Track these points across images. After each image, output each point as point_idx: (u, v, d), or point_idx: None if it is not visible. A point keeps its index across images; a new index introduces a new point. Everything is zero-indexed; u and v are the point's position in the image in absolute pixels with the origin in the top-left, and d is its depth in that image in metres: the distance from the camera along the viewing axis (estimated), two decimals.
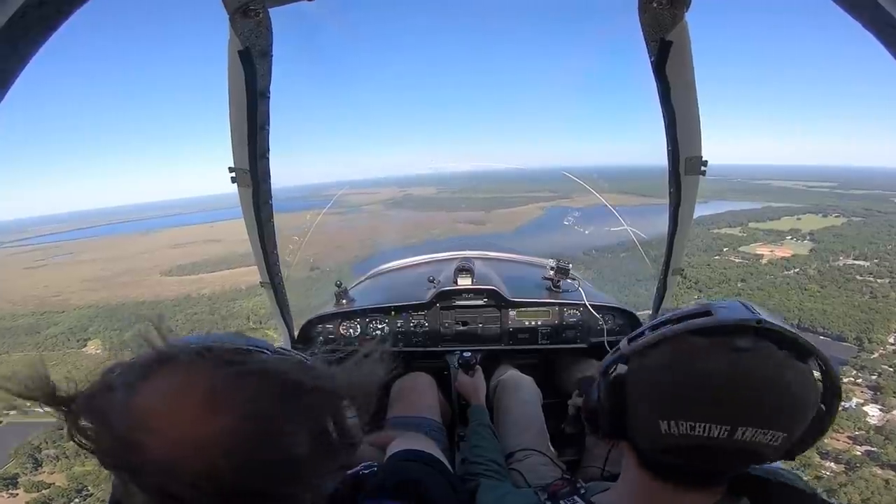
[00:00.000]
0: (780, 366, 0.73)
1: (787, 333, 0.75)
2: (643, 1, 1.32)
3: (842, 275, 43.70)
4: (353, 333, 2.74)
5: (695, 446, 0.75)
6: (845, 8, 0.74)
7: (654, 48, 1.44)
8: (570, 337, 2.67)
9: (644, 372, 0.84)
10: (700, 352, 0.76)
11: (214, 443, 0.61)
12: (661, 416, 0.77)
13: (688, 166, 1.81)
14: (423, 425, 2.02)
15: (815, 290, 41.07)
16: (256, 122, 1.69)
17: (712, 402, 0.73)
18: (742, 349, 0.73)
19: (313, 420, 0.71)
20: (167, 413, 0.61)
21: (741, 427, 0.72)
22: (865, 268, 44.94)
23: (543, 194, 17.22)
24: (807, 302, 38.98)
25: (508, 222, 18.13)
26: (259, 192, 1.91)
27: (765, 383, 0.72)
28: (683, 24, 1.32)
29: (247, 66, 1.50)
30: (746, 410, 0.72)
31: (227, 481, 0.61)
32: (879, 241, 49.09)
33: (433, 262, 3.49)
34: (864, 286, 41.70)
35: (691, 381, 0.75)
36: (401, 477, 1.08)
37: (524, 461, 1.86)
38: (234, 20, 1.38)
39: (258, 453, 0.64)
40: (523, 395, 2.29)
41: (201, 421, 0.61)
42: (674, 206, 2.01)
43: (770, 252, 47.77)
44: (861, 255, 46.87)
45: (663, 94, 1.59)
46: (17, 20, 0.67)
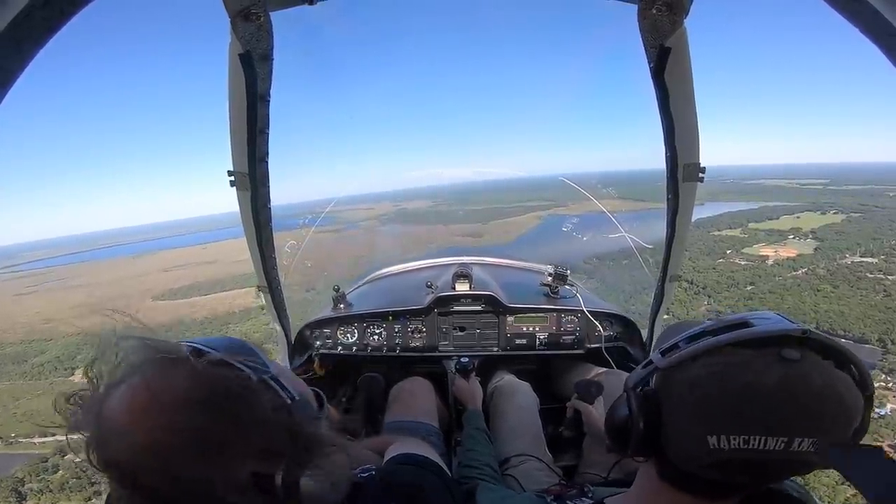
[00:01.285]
0: (830, 375, 0.72)
1: (831, 343, 0.75)
2: (643, 7, 1.32)
3: (852, 273, 42.91)
4: (351, 339, 2.73)
5: (748, 460, 0.73)
6: (845, 15, 0.75)
7: (653, 54, 1.45)
8: (568, 343, 2.66)
9: (685, 386, 0.79)
10: (748, 363, 0.73)
11: (148, 448, 0.66)
12: (710, 431, 0.74)
13: (686, 173, 1.81)
14: (420, 429, 2.02)
15: (828, 290, 40.24)
16: (256, 126, 1.69)
17: (767, 415, 0.71)
18: (791, 360, 0.72)
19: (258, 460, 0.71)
20: (123, 417, 0.67)
21: (797, 438, 0.70)
22: (874, 265, 44.03)
23: (540, 203, 17.23)
24: (822, 304, 38.24)
25: (506, 233, 18.09)
26: (258, 195, 1.90)
27: (818, 393, 0.71)
28: (682, 31, 1.33)
29: (247, 70, 1.50)
30: (803, 421, 0.71)
31: (160, 490, 0.66)
32: (883, 236, 48.51)
33: (431, 267, 3.48)
34: (876, 284, 40.83)
35: (743, 393, 0.73)
36: (398, 481, 1.08)
37: (520, 466, 1.85)
38: (236, 23, 1.39)
39: (182, 468, 0.66)
40: (520, 400, 2.28)
41: (141, 426, 0.66)
42: (671, 213, 2.01)
43: (774, 253, 47.14)
44: (867, 251, 46.08)
45: (662, 101, 1.59)
46: (22, 20, 0.67)
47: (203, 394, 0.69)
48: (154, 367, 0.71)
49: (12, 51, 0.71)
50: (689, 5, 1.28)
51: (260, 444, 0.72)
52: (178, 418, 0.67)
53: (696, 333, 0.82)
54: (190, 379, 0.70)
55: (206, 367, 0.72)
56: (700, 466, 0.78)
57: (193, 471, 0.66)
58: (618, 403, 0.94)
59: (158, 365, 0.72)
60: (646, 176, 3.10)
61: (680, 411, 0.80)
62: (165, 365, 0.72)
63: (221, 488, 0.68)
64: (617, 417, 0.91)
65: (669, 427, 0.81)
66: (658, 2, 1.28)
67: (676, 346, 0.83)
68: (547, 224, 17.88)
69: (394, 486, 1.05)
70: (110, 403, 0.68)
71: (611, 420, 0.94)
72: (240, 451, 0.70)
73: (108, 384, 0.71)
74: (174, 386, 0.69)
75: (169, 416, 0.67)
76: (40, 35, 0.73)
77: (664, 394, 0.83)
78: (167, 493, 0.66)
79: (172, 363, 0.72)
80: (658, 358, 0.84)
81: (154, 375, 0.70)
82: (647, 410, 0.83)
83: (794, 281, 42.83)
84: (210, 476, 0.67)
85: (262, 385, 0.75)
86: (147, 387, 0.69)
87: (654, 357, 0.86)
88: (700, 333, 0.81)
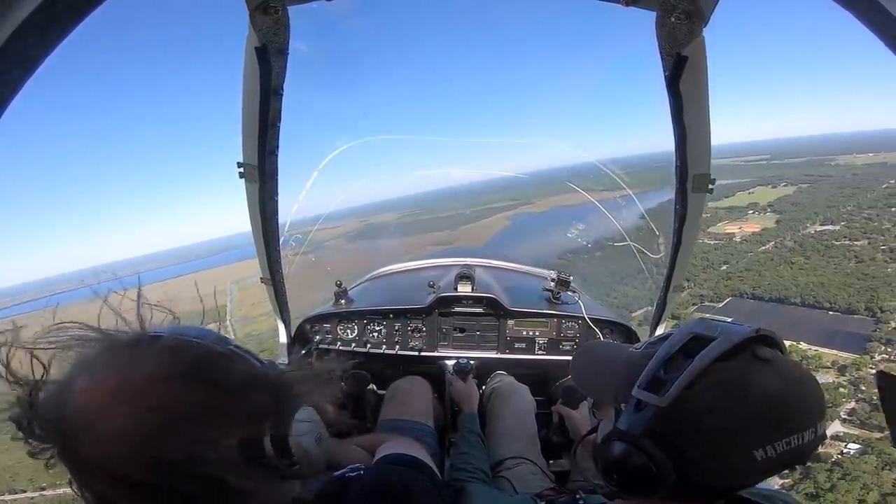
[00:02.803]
0: (794, 362, 0.81)
1: (770, 332, 0.82)
2: (661, 14, 1.32)
3: (819, 242, 44.43)
4: (351, 335, 2.73)
5: (792, 458, 0.77)
6: (842, 4, 0.73)
7: (669, 62, 1.44)
8: (567, 349, 2.66)
9: (702, 415, 0.77)
10: (744, 373, 0.78)
11: (119, 434, 0.62)
12: (754, 446, 0.74)
13: (696, 184, 1.80)
14: (414, 429, 2.02)
15: (801, 262, 41.35)
16: (268, 119, 1.69)
17: (795, 413, 0.76)
18: (766, 358, 0.78)
19: (244, 427, 0.69)
20: (91, 408, 0.63)
21: (818, 422, 0.77)
22: (837, 232, 45.99)
23: (506, 203, 17.36)
24: (800, 276, 39.00)
25: (476, 237, 17.95)
26: (265, 188, 1.91)
27: (804, 381, 0.79)
28: (700, 40, 1.32)
29: (262, 63, 1.50)
30: (814, 407, 0.78)
31: (134, 476, 0.62)
32: (837, 203, 50.34)
33: (434, 266, 3.48)
34: (845, 251, 42.37)
35: (762, 403, 0.76)
36: (386, 480, 1.08)
37: (514, 469, 1.86)
38: (254, 16, 1.39)
39: (163, 450, 0.63)
40: (517, 403, 2.29)
41: (108, 412, 0.62)
42: (679, 223, 1.99)
43: (739, 229, 48.47)
44: (827, 219, 48.29)
45: (675, 110, 1.58)
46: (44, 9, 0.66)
47: (175, 368, 0.66)
48: (115, 352, 0.68)
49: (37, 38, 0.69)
50: (709, 15, 1.27)
51: (243, 409, 0.70)
52: (150, 397, 0.64)
53: (665, 358, 0.82)
54: (157, 356, 0.67)
55: (171, 343, 0.69)
56: (750, 479, 0.81)
57: (176, 451, 0.63)
58: (617, 449, 0.85)
59: (120, 349, 0.68)
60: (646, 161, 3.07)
61: (710, 440, 0.77)
62: (128, 348, 0.68)
63: (209, 465, 0.64)
64: (631, 465, 0.83)
65: (701, 457, 0.78)
66: (677, 10, 1.27)
67: (657, 378, 0.81)
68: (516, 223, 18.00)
69: (381, 486, 1.04)
70: (72, 399, 0.63)
71: (621, 466, 0.85)
72: (223, 420, 0.67)
73: (63, 380, 0.66)
74: (141, 366, 0.65)
75: (141, 397, 0.63)
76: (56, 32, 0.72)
77: (676, 429, 0.79)
78: (152, 481, 0.62)
79: (136, 344, 0.69)
80: (653, 398, 0.80)
81: (118, 360, 0.67)
82: (671, 452, 0.79)
83: (765, 256, 43.57)
84: (195, 453, 0.64)
85: (230, 353, 0.74)
86: (113, 372, 0.65)
87: (646, 397, 0.81)
88: (669, 358, 0.82)
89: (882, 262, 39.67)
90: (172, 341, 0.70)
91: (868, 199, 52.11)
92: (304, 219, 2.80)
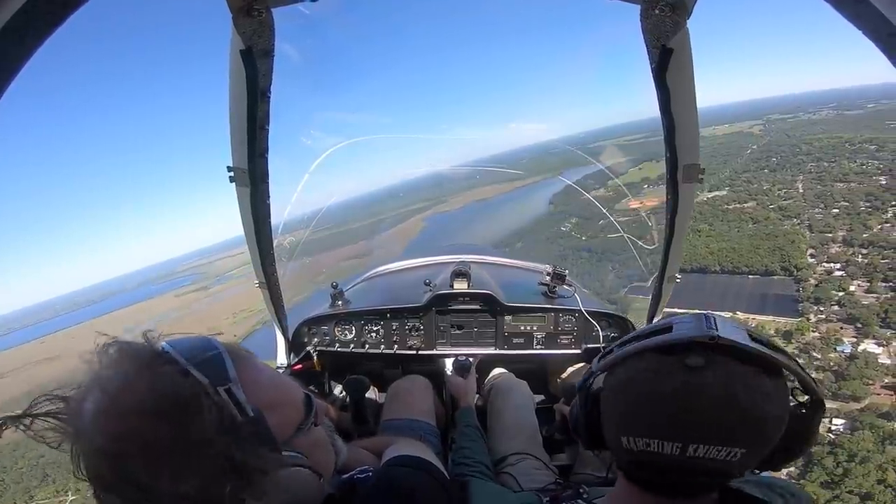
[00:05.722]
0: (731, 382, 0.72)
1: (744, 347, 0.73)
2: (646, 7, 1.32)
3: (714, 208, 46.89)
4: (348, 336, 2.73)
5: (651, 461, 0.78)
6: (846, 16, 0.75)
7: (655, 55, 1.44)
8: (566, 343, 2.67)
9: (610, 389, 0.88)
10: (657, 370, 0.78)
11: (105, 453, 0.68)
12: (622, 432, 0.82)
13: (686, 174, 1.81)
14: (417, 428, 2.03)
15: (707, 230, 43.23)
16: (256, 122, 1.68)
17: (664, 421, 0.76)
18: (694, 367, 0.74)
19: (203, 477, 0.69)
20: (92, 421, 0.69)
21: (692, 444, 0.73)
22: (726, 196, 49.39)
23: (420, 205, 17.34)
24: (712, 244, 40.43)
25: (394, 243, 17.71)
26: (257, 191, 1.90)
27: (713, 401, 0.72)
28: (685, 31, 1.33)
29: (248, 66, 1.49)
30: (696, 428, 0.74)
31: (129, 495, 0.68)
32: (714, 170, 53.51)
33: (430, 265, 3.49)
34: (741, 214, 44.84)
35: (647, 399, 0.79)
36: (393, 482, 1.09)
37: (517, 465, 1.86)
38: (238, 19, 1.38)
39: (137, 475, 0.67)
40: (517, 398, 2.30)
41: (103, 430, 0.68)
42: (671, 214, 2.01)
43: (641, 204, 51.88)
44: (713, 186, 51.25)
45: (663, 101, 1.59)
46: (22, 14, 0.66)
47: (152, 404, 0.69)
48: (119, 374, 0.72)
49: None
50: (692, 6, 1.28)
51: (202, 465, 0.70)
52: (129, 425, 0.68)
53: (627, 339, 0.87)
54: (145, 387, 0.71)
55: (163, 374, 0.72)
56: (622, 463, 0.87)
57: (146, 478, 0.67)
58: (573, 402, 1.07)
59: (125, 371, 0.73)
60: None
61: (607, 412, 0.89)
62: (129, 371, 0.72)
63: (171, 499, 0.68)
64: (571, 414, 1.06)
65: (605, 426, 0.90)
66: (661, 2, 1.28)
67: (612, 350, 0.90)
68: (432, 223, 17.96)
69: (390, 487, 1.06)
70: (84, 408, 0.70)
71: (570, 415, 1.08)
72: (184, 465, 0.69)
73: (82, 390, 0.72)
74: (131, 394, 0.70)
75: (123, 423, 0.68)
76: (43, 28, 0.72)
77: (601, 395, 0.92)
78: (134, 498, 0.68)
79: (137, 369, 0.72)
80: (595, 362, 0.94)
81: (117, 383, 0.71)
82: (587, 409, 0.96)
83: None
84: (160, 486, 0.67)
85: (214, 398, 0.73)
86: (110, 394, 0.70)
87: (594, 361, 0.95)
88: (630, 339, 0.86)
89: (777, 221, 41.68)
90: (170, 372, 0.73)
91: (740, 165, 57.96)
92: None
